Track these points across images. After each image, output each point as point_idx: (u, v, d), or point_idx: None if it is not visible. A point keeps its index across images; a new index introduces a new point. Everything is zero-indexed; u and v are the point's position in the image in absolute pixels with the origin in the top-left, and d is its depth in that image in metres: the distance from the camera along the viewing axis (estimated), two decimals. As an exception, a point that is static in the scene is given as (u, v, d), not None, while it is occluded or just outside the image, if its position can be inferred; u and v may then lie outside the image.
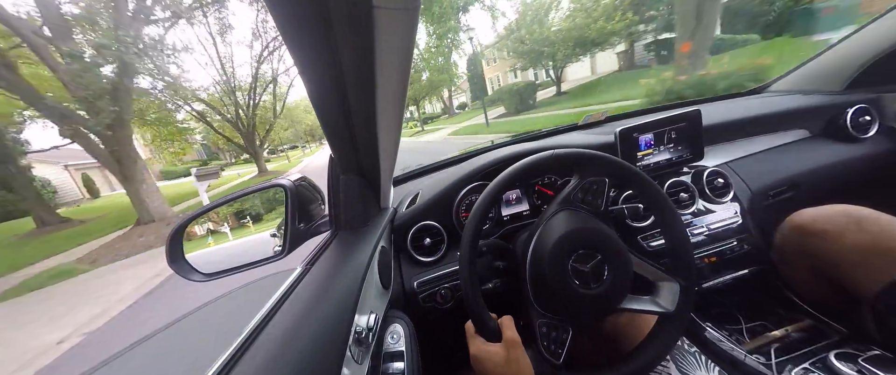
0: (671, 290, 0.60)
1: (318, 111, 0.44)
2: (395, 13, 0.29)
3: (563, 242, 0.58)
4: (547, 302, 0.60)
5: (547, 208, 0.66)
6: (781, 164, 1.03)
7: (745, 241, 0.94)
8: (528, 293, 0.61)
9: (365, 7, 0.27)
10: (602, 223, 0.63)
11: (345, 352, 0.41)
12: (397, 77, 0.40)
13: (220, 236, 0.86)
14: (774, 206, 0.98)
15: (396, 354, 0.57)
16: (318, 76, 0.37)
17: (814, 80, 1.19)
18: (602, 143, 0.98)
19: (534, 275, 0.61)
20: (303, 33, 0.31)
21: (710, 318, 0.93)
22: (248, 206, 1.00)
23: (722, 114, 1.11)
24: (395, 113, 0.49)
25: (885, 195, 1.01)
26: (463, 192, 0.89)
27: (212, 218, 0.88)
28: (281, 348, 0.37)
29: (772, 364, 0.79)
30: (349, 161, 0.60)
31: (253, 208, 1.01)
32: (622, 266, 0.58)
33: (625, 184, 0.67)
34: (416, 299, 0.81)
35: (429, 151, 10.58)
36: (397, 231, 0.88)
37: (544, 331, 0.59)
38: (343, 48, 0.32)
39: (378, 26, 0.29)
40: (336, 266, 0.57)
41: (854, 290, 0.72)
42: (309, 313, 0.44)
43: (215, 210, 0.81)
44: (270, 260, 0.70)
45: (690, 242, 0.65)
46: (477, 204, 0.62)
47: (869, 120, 1.03)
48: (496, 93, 18.87)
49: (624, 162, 0.65)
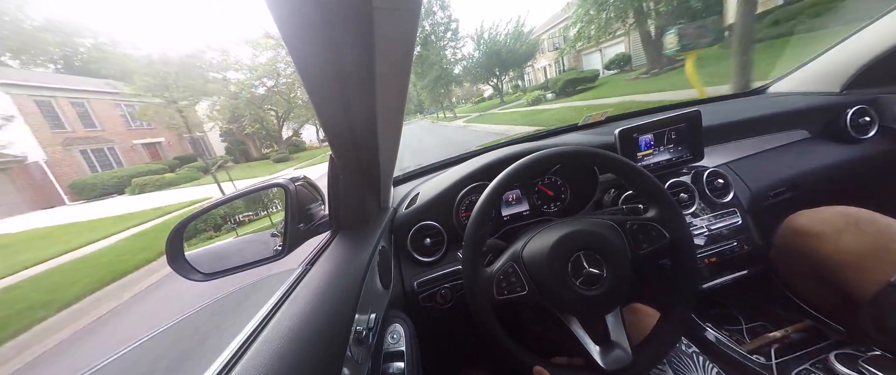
0: (617, 358, 0.57)
1: (319, 111, 0.44)
2: (395, 13, 0.29)
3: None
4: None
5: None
6: (781, 165, 1.03)
7: (744, 242, 0.94)
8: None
9: (365, 7, 0.27)
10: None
11: (345, 352, 0.41)
12: (397, 77, 0.40)
13: (221, 235, 0.87)
14: (774, 207, 0.98)
15: (396, 354, 0.57)
16: (319, 76, 0.37)
17: (813, 81, 1.19)
18: (602, 143, 0.98)
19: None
20: (303, 33, 0.31)
21: (710, 318, 0.93)
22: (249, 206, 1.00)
23: (722, 115, 1.11)
24: (395, 113, 0.49)
25: (885, 196, 1.02)
26: (463, 192, 0.89)
27: (212, 217, 0.88)
28: (281, 348, 0.37)
29: (772, 365, 0.79)
30: (349, 161, 0.60)
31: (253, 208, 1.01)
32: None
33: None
34: (416, 299, 0.81)
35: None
36: (397, 231, 0.88)
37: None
38: (343, 48, 0.32)
39: (378, 26, 0.29)
40: (336, 266, 0.57)
41: (853, 291, 0.72)
42: (309, 313, 0.44)
43: (215, 210, 0.81)
44: (270, 259, 0.70)
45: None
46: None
47: (868, 121, 1.03)
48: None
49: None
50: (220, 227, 0.80)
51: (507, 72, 25.43)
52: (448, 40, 24.16)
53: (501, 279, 0.60)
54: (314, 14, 0.29)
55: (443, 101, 32.04)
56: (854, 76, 1.08)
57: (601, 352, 0.56)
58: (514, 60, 23.21)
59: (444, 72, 24.94)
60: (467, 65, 24.91)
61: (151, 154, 20.01)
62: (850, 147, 1.04)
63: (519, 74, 29.07)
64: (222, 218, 0.81)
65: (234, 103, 19.09)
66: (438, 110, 36.00)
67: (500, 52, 22.41)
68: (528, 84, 30.26)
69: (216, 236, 0.79)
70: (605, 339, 0.58)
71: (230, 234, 0.81)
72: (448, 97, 30.70)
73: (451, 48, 24.81)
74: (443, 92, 28.40)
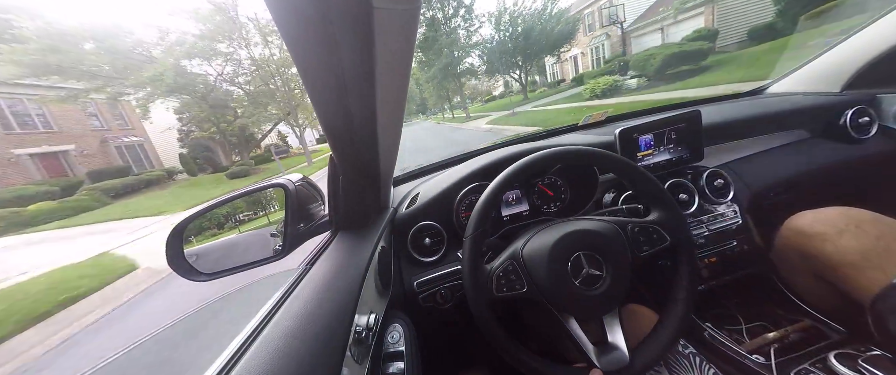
0: (614, 359, 0.57)
1: (319, 111, 0.44)
2: (395, 13, 0.29)
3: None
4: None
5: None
6: (781, 165, 1.03)
7: (744, 242, 0.94)
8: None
9: (365, 7, 0.27)
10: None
11: (345, 352, 0.41)
12: (397, 77, 0.40)
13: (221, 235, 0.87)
14: (774, 207, 0.98)
15: (396, 354, 0.57)
16: (319, 76, 0.37)
17: (813, 81, 1.19)
18: (602, 143, 0.98)
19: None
20: (303, 33, 0.31)
21: (710, 318, 0.93)
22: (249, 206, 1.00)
23: (722, 115, 1.11)
24: (395, 113, 0.49)
25: (885, 196, 1.02)
26: (463, 192, 0.89)
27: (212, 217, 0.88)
28: (281, 348, 0.37)
29: (771, 365, 0.79)
30: (349, 161, 0.60)
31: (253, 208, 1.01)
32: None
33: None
34: (416, 299, 0.81)
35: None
36: (397, 231, 0.88)
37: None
38: (343, 48, 0.32)
39: (378, 26, 0.29)
40: (336, 266, 0.57)
41: (853, 292, 0.72)
42: (309, 313, 0.44)
43: (215, 209, 0.81)
44: (270, 259, 0.70)
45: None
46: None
47: (868, 121, 1.03)
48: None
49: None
50: (222, 226, 0.80)
51: (535, 59, 19.86)
52: (461, 19, 19.34)
53: (501, 276, 0.60)
54: (314, 13, 0.29)
55: (451, 97, 26.90)
56: (854, 76, 1.08)
57: (598, 353, 0.56)
58: (546, 44, 17.86)
59: (454, 61, 20.20)
60: (485, 50, 19.82)
61: (50, 168, 13.66)
62: (850, 147, 1.04)
63: (540, 67, 24.46)
64: (224, 217, 0.81)
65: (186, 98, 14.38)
66: (443, 109, 30.86)
67: (531, 31, 17.22)
68: (552, 78, 26.01)
69: (218, 234, 0.79)
70: (602, 340, 0.58)
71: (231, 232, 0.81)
72: (460, 91, 25.04)
73: (465, 29, 19.79)
74: (452, 86, 23.34)
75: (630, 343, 0.58)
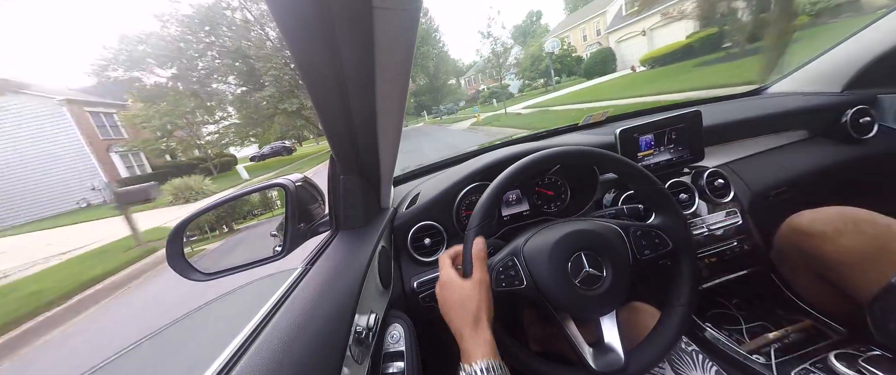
0: (609, 361, 0.56)
1: (319, 111, 0.44)
2: (395, 13, 0.29)
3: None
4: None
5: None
6: (781, 165, 1.03)
7: (745, 241, 0.94)
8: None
9: (365, 7, 0.27)
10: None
11: (345, 352, 0.41)
12: (397, 77, 0.40)
13: (221, 234, 0.87)
14: (774, 207, 0.98)
15: (396, 354, 0.57)
16: (319, 76, 0.37)
17: (813, 81, 1.19)
18: (602, 143, 0.98)
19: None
20: (303, 33, 0.31)
21: (710, 318, 0.93)
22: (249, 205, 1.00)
23: (722, 115, 1.11)
24: (395, 113, 0.49)
25: (885, 196, 1.02)
26: (463, 192, 0.89)
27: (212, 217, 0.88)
28: (281, 348, 0.37)
29: (771, 365, 0.79)
30: (349, 161, 0.60)
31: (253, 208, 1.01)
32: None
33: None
34: (416, 299, 0.81)
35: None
36: (397, 231, 0.88)
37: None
38: (343, 48, 0.32)
39: (378, 26, 0.29)
40: (336, 266, 0.57)
41: (853, 291, 0.72)
42: (309, 313, 0.44)
43: (215, 209, 0.81)
44: (270, 259, 0.70)
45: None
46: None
47: (868, 121, 1.03)
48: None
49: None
50: (223, 226, 0.80)
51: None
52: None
53: (501, 270, 0.60)
54: (314, 14, 0.29)
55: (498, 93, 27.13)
56: (854, 76, 1.08)
57: (593, 354, 0.56)
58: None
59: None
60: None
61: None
62: (850, 147, 1.04)
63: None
64: (224, 217, 0.81)
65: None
66: (468, 105, 31.41)
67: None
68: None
69: (219, 234, 0.79)
70: (599, 341, 0.58)
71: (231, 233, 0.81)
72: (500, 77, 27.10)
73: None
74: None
75: (631, 341, 0.58)
